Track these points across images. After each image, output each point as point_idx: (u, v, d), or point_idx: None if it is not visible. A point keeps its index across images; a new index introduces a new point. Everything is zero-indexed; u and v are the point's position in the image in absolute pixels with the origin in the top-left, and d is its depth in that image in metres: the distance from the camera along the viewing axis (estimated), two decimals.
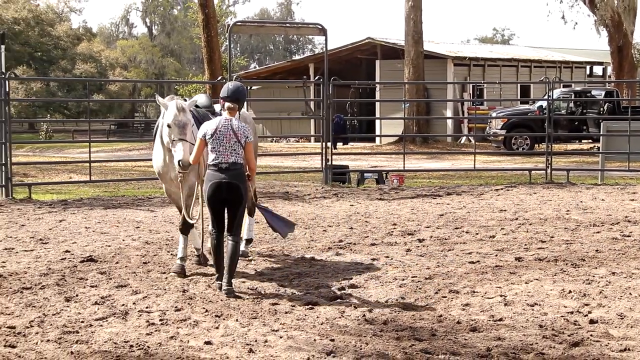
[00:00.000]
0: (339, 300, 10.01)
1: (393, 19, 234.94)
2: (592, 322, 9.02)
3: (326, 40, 27.06)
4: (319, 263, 12.25)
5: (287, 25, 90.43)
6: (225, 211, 10.27)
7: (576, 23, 73.10)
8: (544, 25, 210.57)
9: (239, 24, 43.45)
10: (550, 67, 54.06)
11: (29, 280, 10.97)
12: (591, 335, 8.54)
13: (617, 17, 37.69)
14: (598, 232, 14.91)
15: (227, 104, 10.37)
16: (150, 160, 11.97)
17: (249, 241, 12.68)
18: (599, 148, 28.25)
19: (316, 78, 29.28)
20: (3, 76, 20.53)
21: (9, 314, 9.21)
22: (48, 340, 8.16)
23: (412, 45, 37.76)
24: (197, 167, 10.97)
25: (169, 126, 10.62)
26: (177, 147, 10.51)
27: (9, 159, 20.08)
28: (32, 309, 9.44)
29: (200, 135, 10.28)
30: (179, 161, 10.45)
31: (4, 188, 20.01)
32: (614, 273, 11.49)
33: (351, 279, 11.12)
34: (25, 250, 13.13)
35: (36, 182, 22.05)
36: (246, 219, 11.85)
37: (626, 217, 16.74)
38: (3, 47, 21.95)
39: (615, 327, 8.85)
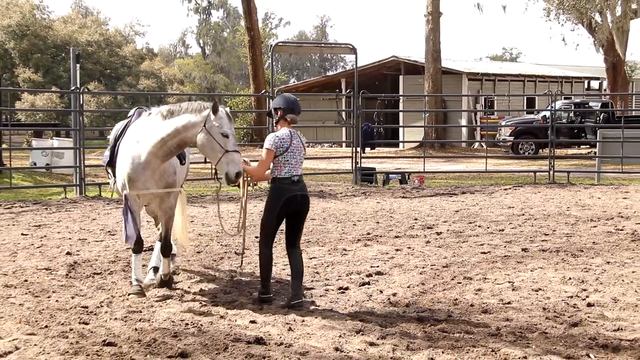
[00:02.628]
0: (367, 285, 10.01)
1: (415, 39, 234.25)
2: (589, 305, 9.00)
3: (356, 58, 27.09)
4: (349, 253, 12.26)
5: (322, 45, 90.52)
6: (284, 224, 9.02)
7: (577, 44, 72.66)
8: (548, 45, 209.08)
9: (280, 44, 43.50)
10: (553, 81, 53.76)
11: (99, 266, 11.07)
12: (588, 316, 8.51)
13: (612, 38, 37.45)
14: (595, 227, 14.84)
15: (291, 116, 8.91)
16: (202, 162, 11.77)
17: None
18: (595, 153, 28.09)
19: (347, 91, 29.28)
20: (78, 90, 20.77)
21: (82, 296, 9.29)
22: (115, 319, 8.22)
23: (432, 63, 37.67)
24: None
25: (226, 136, 8.66)
26: (234, 157, 8.65)
27: (82, 162, 20.30)
28: (102, 292, 9.53)
29: (271, 148, 8.70)
30: (237, 173, 8.62)
31: (78, 187, 20.22)
32: (608, 262, 11.44)
33: (378, 267, 11.13)
34: (96, 241, 13.23)
35: (105, 182, 22.15)
36: None
37: (619, 213, 16.66)
38: (78, 65, 22.17)
39: (610, 309, 8.82)
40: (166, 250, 9.66)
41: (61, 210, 17.33)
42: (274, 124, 9.09)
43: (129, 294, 9.24)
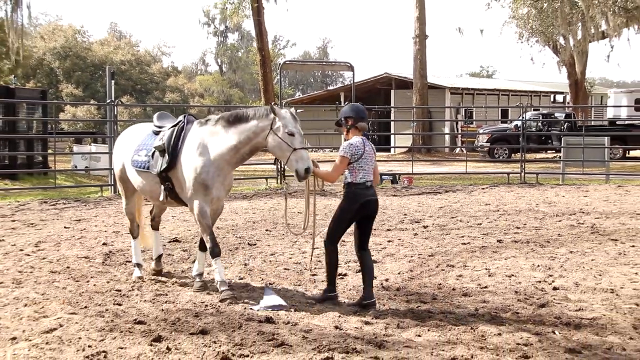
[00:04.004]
0: (343, 276, 9.99)
1: (404, 58, 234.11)
2: (555, 289, 9.00)
3: (353, 74, 27.03)
4: (347, 244, 12.23)
5: (324, 63, 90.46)
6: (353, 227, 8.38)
7: (544, 63, 72.69)
8: (519, 63, 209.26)
9: (288, 62, 43.51)
10: (524, 95, 53.83)
11: (130, 255, 11.05)
12: (554, 298, 8.51)
13: (573, 59, 37.48)
14: (560, 221, 14.83)
15: (361, 124, 8.24)
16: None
17: None
18: (560, 157, 28.10)
19: (345, 103, 29.22)
20: (113, 103, 20.90)
21: (116, 281, 9.30)
22: (145, 300, 8.22)
23: (419, 79, 37.64)
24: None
25: (292, 134, 8.07)
26: (302, 154, 8.06)
27: None
28: (132, 277, 9.53)
29: (346, 155, 8.09)
30: (306, 168, 8.06)
31: (112, 186, 20.25)
32: (571, 252, 11.45)
33: (372, 256, 11.09)
34: (128, 233, 13.20)
35: None
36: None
37: (581, 209, 16.65)
38: (113, 81, 22.27)
39: (572, 292, 8.82)
40: (203, 245, 8.81)
41: (98, 206, 17.35)
42: (345, 133, 8.34)
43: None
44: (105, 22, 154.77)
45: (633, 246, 11.95)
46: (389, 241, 12.39)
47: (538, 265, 10.35)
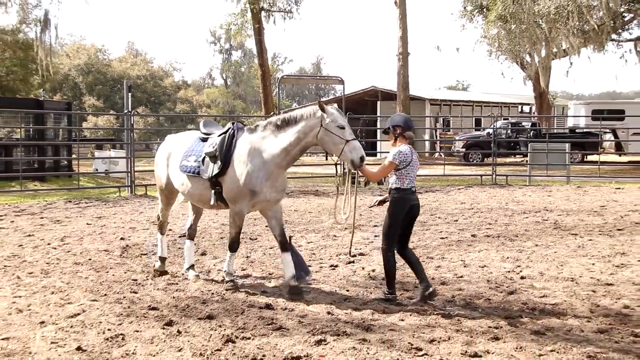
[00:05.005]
0: (352, 263, 10.00)
1: (389, 73, 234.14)
2: (522, 278, 9.01)
3: (344, 87, 27.13)
4: (339, 238, 12.25)
5: (317, 77, 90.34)
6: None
7: (512, 78, 72.84)
8: (491, 78, 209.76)
9: (285, 77, 43.43)
10: (495, 106, 53.91)
11: (145, 248, 11.05)
12: (521, 286, 8.52)
13: (538, 74, 37.56)
14: (526, 217, 14.85)
15: (409, 133, 7.88)
16: None
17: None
18: (527, 161, 28.12)
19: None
20: (129, 113, 20.88)
21: (132, 271, 9.28)
22: (158, 289, 8.21)
23: (402, 91, 37.58)
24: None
25: (343, 127, 7.63)
26: (354, 145, 7.61)
27: (132, 168, 20.36)
28: (147, 268, 9.51)
29: (395, 161, 7.70)
30: (361, 157, 7.61)
31: (129, 187, 20.24)
32: (537, 245, 11.45)
33: (360, 249, 11.11)
34: (143, 229, 13.21)
35: (150, 183, 22.12)
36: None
37: (545, 207, 16.67)
38: (130, 94, 22.24)
39: (537, 281, 8.83)
40: (285, 246, 8.20)
41: (116, 205, 17.31)
42: (393, 140, 7.92)
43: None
44: (124, 41, 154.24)
45: (590, 240, 11.96)
46: (375, 236, 12.37)
47: (507, 257, 10.36)
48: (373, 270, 9.47)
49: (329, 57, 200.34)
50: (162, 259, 9.24)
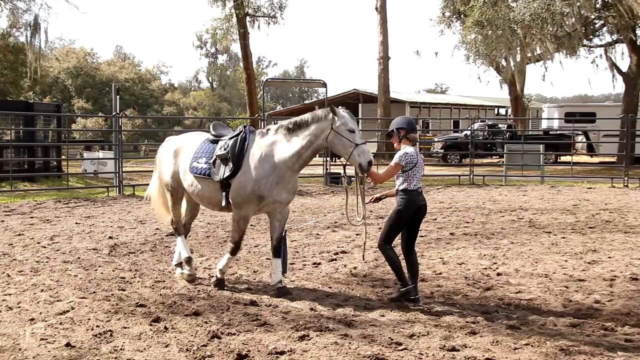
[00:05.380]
0: (334, 261, 10.01)
1: (370, 76, 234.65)
2: (498, 274, 9.05)
3: (326, 90, 27.12)
4: (321, 237, 12.25)
5: (301, 80, 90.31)
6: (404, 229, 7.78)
7: (489, 81, 73.18)
8: (468, 81, 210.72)
9: (270, 80, 43.42)
10: (472, 108, 54.20)
11: (133, 247, 10.99)
12: (498, 283, 8.57)
13: (513, 78, 37.76)
14: (503, 216, 14.92)
15: (412, 135, 7.69)
16: None
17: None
18: (503, 161, 28.28)
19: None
20: (118, 115, 20.77)
21: (120, 269, 9.22)
22: (145, 287, 8.17)
23: (383, 94, 37.69)
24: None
25: (353, 131, 7.48)
26: (363, 149, 7.48)
27: (121, 169, 20.29)
28: (135, 266, 9.46)
29: (401, 162, 7.56)
30: (369, 161, 7.51)
31: (117, 188, 20.15)
32: (512, 242, 11.51)
33: (342, 247, 11.12)
34: (131, 228, 13.14)
35: (138, 183, 22.03)
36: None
37: (520, 206, 16.77)
38: (118, 96, 22.12)
39: (513, 277, 8.88)
40: (278, 252, 8.10)
41: (105, 205, 17.20)
42: (397, 143, 7.74)
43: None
44: (112, 45, 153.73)
45: (564, 237, 12.05)
46: (357, 234, 12.39)
47: (484, 255, 10.40)
48: (355, 268, 9.48)
49: (312, 61, 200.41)
50: (189, 260, 8.61)
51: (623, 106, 32.70)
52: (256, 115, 33.92)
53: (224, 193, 7.95)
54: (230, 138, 8.09)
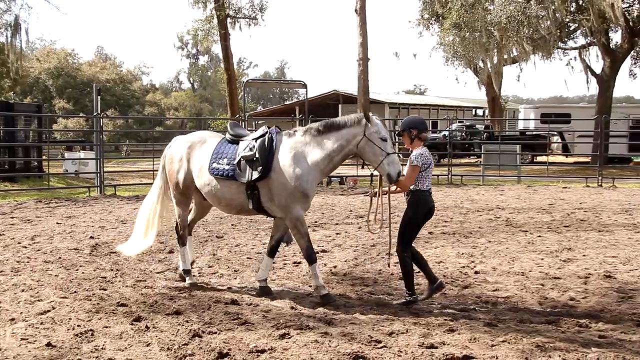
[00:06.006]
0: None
1: (350, 77, 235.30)
2: (476, 272, 9.09)
3: (307, 91, 27.11)
4: None
5: (281, 81, 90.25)
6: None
7: (466, 83, 73.62)
8: (446, 82, 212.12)
9: (250, 81, 43.33)
10: (450, 109, 54.47)
11: (114, 247, 10.88)
12: (475, 281, 8.61)
13: (490, 79, 38.00)
14: (480, 215, 15.00)
15: (424, 135, 7.48)
16: None
17: None
18: (481, 161, 28.44)
19: (300, 116, 29.24)
20: (99, 116, 20.62)
21: (102, 269, 9.16)
22: (127, 286, 8.12)
23: (362, 95, 37.68)
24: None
25: (385, 140, 7.25)
26: (394, 159, 7.28)
27: (102, 169, 20.14)
28: (116, 265, 9.39)
29: (418, 164, 7.31)
30: (398, 172, 7.25)
31: (98, 188, 20.02)
32: (490, 241, 11.57)
33: (323, 246, 11.11)
34: (112, 228, 13.04)
35: (119, 183, 21.92)
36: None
37: (497, 205, 16.86)
38: (99, 97, 21.97)
39: (490, 276, 8.92)
40: (274, 252, 8.01)
41: (86, 205, 17.07)
42: (409, 143, 7.46)
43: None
44: (93, 46, 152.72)
45: (540, 236, 12.13)
46: (337, 234, 12.41)
47: (462, 253, 10.45)
48: (335, 267, 9.48)
49: (293, 62, 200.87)
50: (187, 272, 8.31)
51: (597, 107, 33.02)
52: (237, 116, 33.87)
53: (251, 195, 7.60)
54: (255, 139, 7.73)
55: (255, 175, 7.50)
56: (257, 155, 7.53)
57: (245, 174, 7.57)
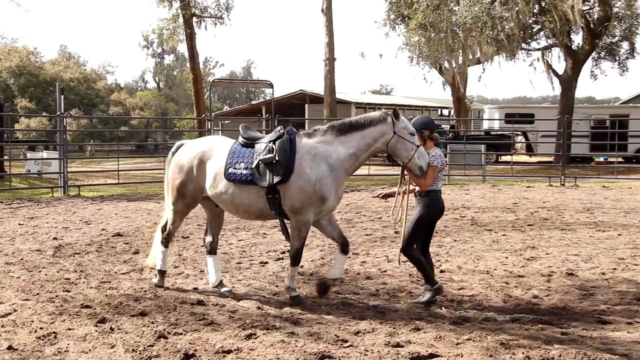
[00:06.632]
0: (281, 260, 9.97)
1: (317, 77, 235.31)
2: (442, 271, 9.16)
3: (273, 91, 27.12)
4: (268, 236, 12.20)
5: (248, 81, 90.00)
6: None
7: (432, 82, 74.15)
8: (412, 82, 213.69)
9: (217, 80, 43.14)
10: (416, 109, 54.69)
11: (78, 248, 10.77)
12: (441, 279, 8.61)
13: (455, 79, 38.33)
14: (446, 215, 14.99)
15: (435, 135, 7.55)
16: (155, 169, 10.57)
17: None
18: (446, 161, 28.68)
19: (267, 115, 29.17)
20: (62, 115, 20.34)
21: (65, 270, 9.03)
22: (91, 287, 8.02)
23: (329, 95, 37.74)
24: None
25: (413, 134, 7.18)
26: (422, 151, 7.17)
27: (65, 169, 19.86)
28: (80, 267, 9.27)
29: (438, 164, 7.38)
30: (427, 163, 7.20)
31: (62, 188, 19.74)
32: (455, 240, 11.68)
33: (288, 246, 11.07)
34: (76, 229, 12.87)
35: (83, 184, 21.64)
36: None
37: (463, 205, 17.00)
38: (63, 96, 21.70)
39: (456, 274, 9.01)
40: (346, 248, 7.60)
41: (49, 205, 16.82)
42: (423, 143, 7.34)
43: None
44: (56, 44, 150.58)
45: (504, 235, 12.27)
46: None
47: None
48: (301, 267, 9.44)
49: (259, 62, 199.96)
50: (162, 273, 8.12)
51: (560, 108, 33.50)
52: (203, 116, 33.67)
53: (272, 200, 7.32)
54: (272, 141, 7.41)
55: (277, 178, 7.22)
56: (277, 158, 7.25)
57: (265, 177, 7.28)
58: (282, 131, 7.48)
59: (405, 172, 7.42)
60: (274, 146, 7.34)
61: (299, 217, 7.29)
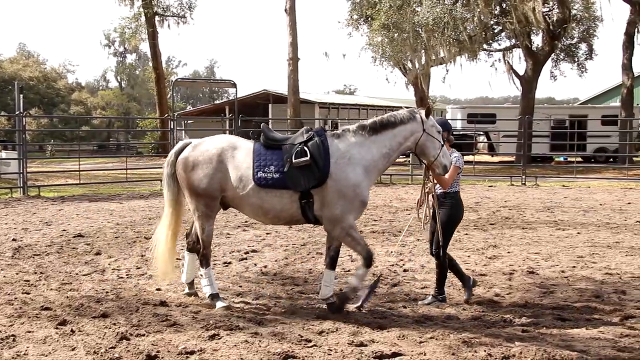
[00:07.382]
0: (245, 260, 9.95)
1: (280, 77, 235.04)
2: (405, 270, 9.23)
3: (236, 91, 27.01)
4: (232, 236, 12.16)
5: (211, 80, 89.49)
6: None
7: (395, 82, 74.51)
8: (376, 82, 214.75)
9: (180, 80, 42.83)
10: (380, 109, 54.90)
11: (38, 249, 10.59)
12: (404, 279, 8.73)
13: (418, 79, 38.61)
14: (409, 214, 15.19)
15: (452, 137, 7.53)
16: (118, 169, 10.51)
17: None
18: (409, 161, 28.85)
19: (230, 115, 29.07)
20: (21, 115, 19.99)
21: (25, 272, 8.88)
22: (51, 289, 7.90)
23: (292, 95, 37.76)
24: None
25: (440, 132, 7.14)
26: (445, 150, 7.16)
27: (25, 169, 19.53)
28: (40, 269, 9.12)
29: (459, 165, 7.45)
30: (450, 162, 7.23)
31: (21, 188, 19.41)
32: (418, 240, 11.75)
33: (253, 246, 11.07)
34: (36, 230, 12.66)
35: (43, 184, 21.29)
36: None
37: None
38: (22, 95, 21.36)
39: (419, 273, 9.08)
40: (334, 265, 7.37)
41: (8, 206, 16.52)
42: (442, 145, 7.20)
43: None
44: (15, 42, 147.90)
45: (467, 234, 12.41)
46: (267, 233, 12.38)
47: (391, 252, 10.57)
48: (265, 267, 9.46)
49: (222, 61, 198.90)
50: (216, 296, 7.29)
51: (521, 108, 33.97)
52: (166, 115, 33.42)
53: (305, 204, 7.00)
54: (303, 143, 7.04)
55: (313, 182, 6.89)
56: (314, 161, 6.90)
57: (299, 181, 6.91)
58: (311, 132, 7.17)
59: (429, 172, 7.41)
60: (306, 149, 6.98)
61: (340, 224, 6.97)
